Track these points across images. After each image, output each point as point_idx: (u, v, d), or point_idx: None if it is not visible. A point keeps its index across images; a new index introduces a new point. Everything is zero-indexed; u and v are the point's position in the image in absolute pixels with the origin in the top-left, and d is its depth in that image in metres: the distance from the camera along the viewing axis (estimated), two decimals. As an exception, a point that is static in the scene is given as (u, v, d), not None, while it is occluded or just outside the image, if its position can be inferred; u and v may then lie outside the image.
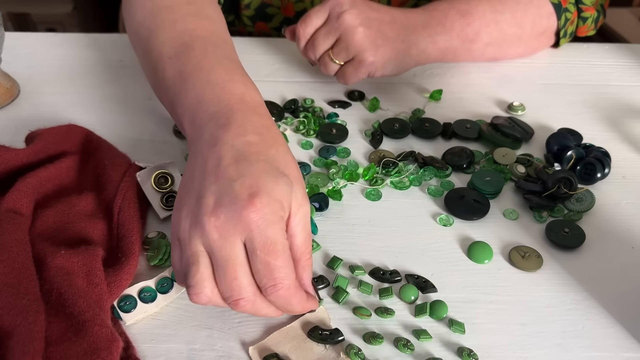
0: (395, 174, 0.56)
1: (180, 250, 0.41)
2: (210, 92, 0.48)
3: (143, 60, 0.59)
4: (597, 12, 0.74)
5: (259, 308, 0.40)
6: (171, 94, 0.51)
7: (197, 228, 0.40)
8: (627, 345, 0.43)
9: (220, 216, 0.39)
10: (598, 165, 0.56)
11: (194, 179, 0.42)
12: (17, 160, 0.51)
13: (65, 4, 1.58)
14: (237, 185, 0.40)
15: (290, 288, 0.40)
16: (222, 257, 0.39)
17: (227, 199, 0.39)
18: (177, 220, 0.42)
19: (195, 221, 0.40)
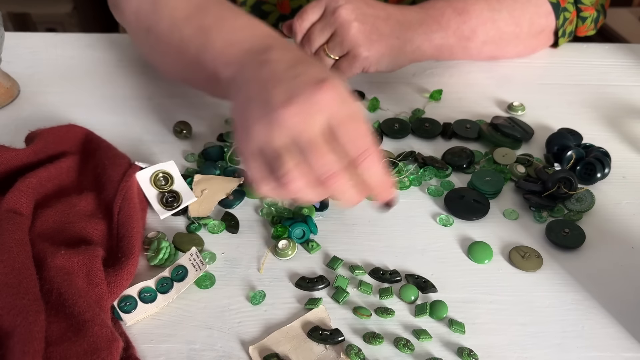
0: (395, 174, 0.56)
1: (260, 160, 0.43)
2: (240, 35, 0.50)
3: (148, 34, 0.58)
4: (597, 11, 0.74)
5: (346, 187, 0.42)
6: (193, 48, 0.52)
7: (274, 124, 0.41)
8: (627, 345, 0.43)
9: (295, 104, 0.41)
10: (598, 165, 0.56)
11: (250, 98, 0.44)
12: (17, 160, 0.51)
13: (65, 4, 1.58)
14: (304, 76, 0.42)
15: (377, 154, 0.42)
16: (307, 139, 0.41)
17: (297, 89, 0.41)
18: (247, 134, 0.43)
19: (270, 120, 0.41)
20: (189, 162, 0.58)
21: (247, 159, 0.44)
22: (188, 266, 0.46)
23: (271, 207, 0.53)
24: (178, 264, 0.46)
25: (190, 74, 0.56)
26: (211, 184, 0.54)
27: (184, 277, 0.46)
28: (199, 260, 0.46)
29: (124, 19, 0.63)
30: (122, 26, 0.67)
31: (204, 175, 0.55)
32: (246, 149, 0.44)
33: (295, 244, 0.49)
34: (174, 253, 0.48)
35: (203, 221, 0.51)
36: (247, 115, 0.44)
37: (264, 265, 0.48)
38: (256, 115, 0.43)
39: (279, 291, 0.46)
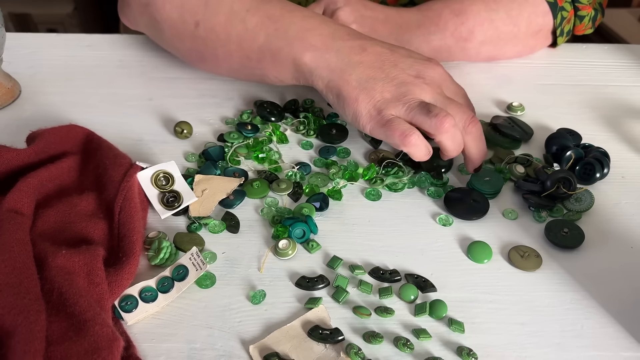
0: (394, 174, 0.56)
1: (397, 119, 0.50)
2: (313, 21, 0.55)
3: (197, 29, 0.60)
4: (595, 10, 0.74)
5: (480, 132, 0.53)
6: (263, 36, 0.56)
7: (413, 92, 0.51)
8: (627, 344, 0.43)
9: (426, 77, 0.52)
10: (597, 165, 0.56)
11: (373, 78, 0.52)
12: (18, 160, 0.51)
13: (66, 5, 1.58)
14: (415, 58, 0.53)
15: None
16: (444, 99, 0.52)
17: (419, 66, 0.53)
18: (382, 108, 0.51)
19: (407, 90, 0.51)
20: (190, 162, 0.59)
21: (388, 121, 0.50)
22: (189, 266, 0.46)
23: (271, 207, 0.53)
24: (179, 263, 0.47)
25: (253, 62, 0.58)
26: (212, 184, 0.54)
27: (184, 277, 0.46)
28: (200, 259, 0.47)
29: (159, 15, 0.63)
30: (123, 27, 0.67)
31: (205, 175, 0.55)
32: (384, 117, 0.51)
33: (295, 244, 0.49)
34: (174, 253, 0.48)
35: (203, 221, 0.51)
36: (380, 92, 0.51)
37: (264, 265, 0.48)
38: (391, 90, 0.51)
39: (279, 291, 0.46)
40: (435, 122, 0.49)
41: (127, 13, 0.68)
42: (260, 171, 0.57)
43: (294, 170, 0.57)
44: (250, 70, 0.60)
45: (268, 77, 0.59)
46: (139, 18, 0.67)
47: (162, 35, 0.65)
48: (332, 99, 0.54)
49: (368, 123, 0.52)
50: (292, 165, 0.57)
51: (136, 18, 0.67)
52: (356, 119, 0.53)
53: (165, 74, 0.71)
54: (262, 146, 0.59)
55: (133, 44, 0.76)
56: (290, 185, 0.55)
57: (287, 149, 0.61)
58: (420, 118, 0.50)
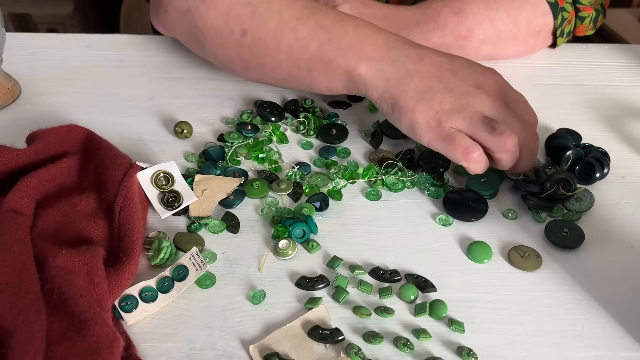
0: (394, 174, 0.56)
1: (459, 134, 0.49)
2: (366, 31, 0.55)
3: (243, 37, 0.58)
4: (596, 11, 0.74)
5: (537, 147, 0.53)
6: (315, 45, 0.55)
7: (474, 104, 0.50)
8: (627, 344, 0.43)
9: (485, 87, 0.51)
10: (597, 165, 0.56)
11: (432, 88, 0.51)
12: (19, 160, 0.51)
13: (66, 5, 1.58)
14: (474, 67, 0.53)
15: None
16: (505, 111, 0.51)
17: (478, 76, 0.52)
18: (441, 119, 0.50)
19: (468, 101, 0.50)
20: (190, 162, 0.59)
21: (449, 136, 0.50)
22: (189, 266, 0.46)
23: (271, 207, 0.53)
24: (179, 263, 0.47)
25: (301, 74, 0.57)
26: (212, 184, 0.54)
27: (184, 277, 0.46)
28: (200, 259, 0.47)
29: (202, 23, 0.61)
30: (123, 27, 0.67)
31: (205, 175, 0.55)
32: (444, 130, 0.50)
33: (295, 244, 0.49)
34: (174, 253, 0.48)
35: (204, 221, 0.51)
36: (438, 103, 0.50)
37: (264, 265, 0.48)
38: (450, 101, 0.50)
39: (279, 291, 0.46)
40: (500, 141, 0.48)
41: (163, 19, 0.65)
42: (260, 171, 0.57)
43: (294, 170, 0.57)
44: (299, 80, 0.59)
45: (317, 86, 0.58)
46: (176, 24, 0.64)
47: (203, 42, 0.62)
48: (386, 109, 0.53)
49: (426, 134, 0.51)
50: (292, 165, 0.58)
51: (173, 24, 0.65)
52: (413, 129, 0.51)
53: (165, 74, 0.71)
54: (262, 146, 0.60)
55: (133, 44, 0.76)
56: (290, 185, 0.55)
57: (287, 149, 0.61)
58: (483, 135, 0.49)
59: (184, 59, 0.74)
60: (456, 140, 0.49)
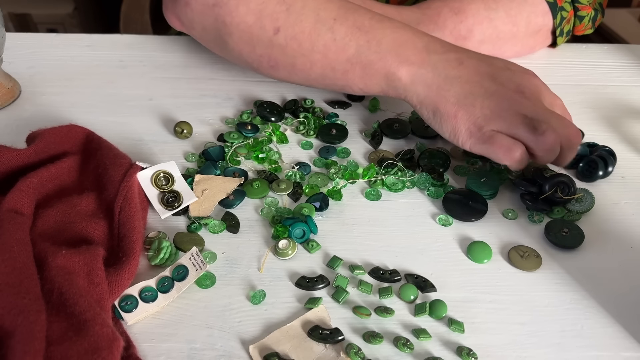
0: (394, 174, 0.56)
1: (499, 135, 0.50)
2: (405, 34, 0.54)
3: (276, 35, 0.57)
4: (595, 10, 0.74)
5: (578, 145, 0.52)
6: (353, 47, 0.55)
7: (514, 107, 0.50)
8: (627, 344, 0.43)
9: (525, 91, 0.51)
10: (600, 163, 0.56)
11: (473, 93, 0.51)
12: (18, 160, 0.51)
13: (66, 5, 1.58)
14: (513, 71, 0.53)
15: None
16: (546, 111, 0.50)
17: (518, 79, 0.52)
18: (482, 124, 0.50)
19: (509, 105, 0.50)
20: (190, 162, 0.59)
21: (490, 138, 0.50)
22: (189, 266, 0.46)
23: (271, 207, 0.53)
24: (179, 263, 0.47)
25: (335, 75, 0.57)
26: (212, 184, 0.54)
27: (184, 277, 0.46)
28: (200, 259, 0.47)
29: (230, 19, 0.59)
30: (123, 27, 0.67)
31: (205, 175, 0.55)
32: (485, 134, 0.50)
33: (295, 244, 0.49)
34: (174, 253, 0.48)
35: (203, 221, 0.51)
36: (479, 108, 0.50)
37: (264, 265, 0.48)
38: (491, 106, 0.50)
39: (279, 291, 0.46)
40: (542, 140, 0.48)
41: (182, 13, 0.63)
42: (260, 171, 0.57)
43: (294, 170, 0.57)
44: (332, 81, 0.58)
45: (352, 87, 0.57)
46: (198, 19, 0.62)
47: (227, 39, 0.60)
48: (427, 114, 0.53)
49: (468, 140, 0.51)
50: (292, 165, 0.58)
51: (194, 19, 0.62)
52: (455, 135, 0.52)
53: (165, 74, 0.71)
54: (262, 146, 0.60)
55: (133, 44, 0.76)
56: (290, 185, 0.55)
57: (287, 149, 0.61)
58: (525, 135, 0.49)
59: (184, 59, 0.74)
60: (497, 141, 0.49)
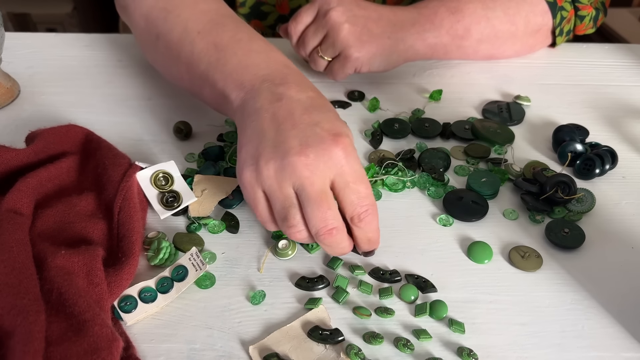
0: (394, 174, 0.56)
1: (265, 201, 0.45)
2: (256, 58, 0.51)
3: (157, 41, 0.58)
4: (597, 10, 0.74)
5: (341, 239, 0.45)
6: (204, 64, 0.53)
7: (285, 171, 0.43)
8: (627, 345, 0.43)
9: (310, 155, 0.43)
10: (597, 161, 0.56)
11: (263, 132, 0.45)
12: (18, 160, 0.51)
13: (65, 5, 1.58)
14: (319, 128, 0.44)
15: (376, 212, 0.45)
16: (315, 191, 0.43)
17: (312, 139, 0.43)
18: (253, 174, 0.44)
19: (281, 165, 0.43)
20: (189, 162, 0.59)
21: (254, 200, 0.45)
22: (188, 266, 0.46)
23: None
24: (178, 263, 0.47)
25: (197, 87, 0.56)
26: (211, 184, 0.54)
27: (184, 277, 0.46)
28: (199, 260, 0.47)
29: (131, 21, 0.63)
30: (122, 27, 0.68)
31: (204, 175, 0.55)
32: (253, 187, 0.45)
33: (295, 244, 0.49)
34: (174, 253, 0.48)
35: (203, 221, 0.51)
36: (260, 151, 0.44)
37: (264, 265, 0.48)
38: (269, 154, 0.44)
39: (279, 291, 0.46)
40: (287, 232, 0.45)
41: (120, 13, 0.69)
42: (260, 171, 0.57)
43: (294, 170, 0.57)
44: (199, 94, 0.57)
45: (213, 106, 0.56)
46: (124, 19, 0.68)
47: (136, 40, 0.66)
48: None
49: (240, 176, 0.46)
50: (292, 165, 0.57)
51: (124, 19, 0.68)
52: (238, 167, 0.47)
53: (164, 73, 0.71)
54: (261, 146, 0.59)
55: (133, 44, 0.76)
56: (290, 185, 0.55)
57: (287, 148, 0.60)
58: (277, 217, 0.45)
59: (183, 58, 0.74)
60: (259, 209, 0.46)
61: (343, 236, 0.45)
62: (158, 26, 0.58)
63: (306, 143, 0.43)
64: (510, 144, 0.61)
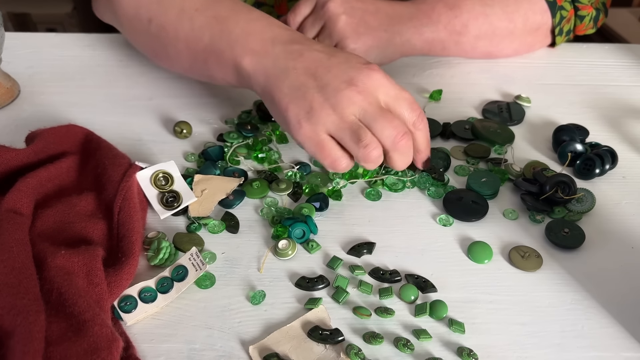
0: (394, 174, 0.56)
1: (331, 140, 0.49)
2: (258, 25, 0.54)
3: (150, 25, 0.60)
4: (597, 10, 0.74)
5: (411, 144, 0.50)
6: (207, 37, 0.56)
7: (343, 103, 0.48)
8: (627, 345, 0.43)
9: (358, 84, 0.48)
10: (597, 161, 0.56)
11: (304, 85, 0.49)
12: (17, 160, 0.51)
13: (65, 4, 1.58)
14: (351, 63, 0.50)
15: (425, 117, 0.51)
16: (377, 109, 0.48)
17: (353, 72, 0.49)
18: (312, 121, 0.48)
19: (337, 101, 0.48)
20: (189, 162, 0.59)
21: (320, 143, 0.49)
22: (188, 266, 0.46)
23: (271, 207, 0.53)
24: (178, 263, 0.47)
25: (200, 62, 0.58)
26: (211, 184, 0.54)
27: (184, 277, 0.46)
28: (199, 260, 0.47)
29: (117, 10, 0.63)
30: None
31: (204, 175, 0.55)
32: (316, 133, 0.48)
33: (295, 244, 0.49)
34: (174, 253, 0.48)
35: (203, 221, 0.51)
36: (309, 101, 0.48)
37: (264, 265, 0.48)
38: (320, 99, 0.48)
39: (279, 291, 0.46)
40: (363, 153, 0.48)
41: (96, 6, 0.70)
42: (260, 171, 0.57)
43: (294, 170, 0.57)
44: (199, 71, 0.60)
45: (215, 78, 0.58)
46: (103, 11, 0.68)
47: (122, 30, 0.67)
48: (267, 103, 0.53)
49: (298, 134, 0.49)
50: (291, 165, 0.57)
51: (102, 10, 0.69)
52: (287, 126, 0.50)
53: (165, 73, 0.71)
54: (261, 146, 0.59)
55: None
56: (290, 185, 0.55)
57: (287, 149, 0.61)
58: (350, 144, 0.48)
59: (183, 58, 0.73)
60: (326, 150, 0.49)
61: (411, 142, 0.50)
62: (150, 10, 0.59)
63: (349, 77, 0.48)
64: (510, 144, 0.61)
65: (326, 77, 0.49)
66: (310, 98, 0.49)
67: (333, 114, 0.48)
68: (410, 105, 0.50)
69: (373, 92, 0.49)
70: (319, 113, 0.48)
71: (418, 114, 0.50)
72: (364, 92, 0.48)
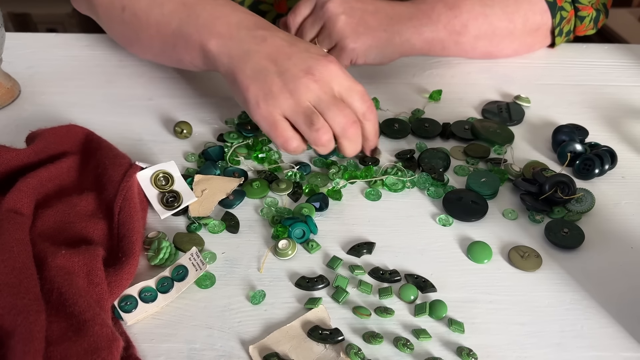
0: (394, 174, 0.56)
1: (285, 121, 0.52)
2: (224, 10, 0.57)
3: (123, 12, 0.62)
4: (597, 10, 0.74)
5: (359, 132, 0.53)
6: (176, 21, 0.58)
7: (300, 90, 0.51)
8: (626, 344, 0.43)
9: (315, 73, 0.51)
10: (597, 161, 0.56)
11: (265, 68, 0.52)
12: (18, 160, 0.51)
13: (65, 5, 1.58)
14: (310, 53, 0.53)
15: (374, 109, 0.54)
16: (330, 98, 0.52)
17: (311, 62, 0.52)
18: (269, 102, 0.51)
19: (295, 87, 0.51)
20: (189, 162, 0.59)
21: (274, 123, 0.52)
22: (188, 266, 0.46)
23: (271, 207, 0.53)
24: (178, 263, 0.47)
25: (169, 46, 0.60)
26: (211, 184, 0.54)
27: (184, 277, 0.46)
28: (199, 260, 0.47)
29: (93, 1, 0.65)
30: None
31: (204, 175, 0.55)
32: (271, 114, 0.51)
33: (295, 244, 0.49)
34: (174, 253, 0.48)
35: (203, 221, 0.51)
36: (269, 84, 0.52)
37: (264, 265, 0.48)
38: (279, 83, 0.51)
39: (279, 291, 0.46)
40: (315, 136, 0.51)
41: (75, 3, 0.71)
42: (260, 171, 0.57)
43: (294, 170, 0.57)
44: (169, 55, 0.62)
45: (184, 62, 0.61)
46: (80, 2, 0.70)
47: (98, 19, 0.68)
48: (229, 84, 0.56)
49: (255, 114, 0.53)
50: (291, 165, 0.57)
51: (78, 1, 0.70)
52: (246, 106, 0.54)
53: (165, 74, 0.71)
54: (261, 146, 0.59)
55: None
56: (290, 185, 0.55)
57: (287, 149, 0.61)
58: (303, 127, 0.52)
59: (183, 58, 0.73)
60: (279, 129, 0.52)
61: (359, 130, 0.53)
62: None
63: (308, 66, 0.52)
64: (509, 144, 0.61)
65: (286, 64, 0.52)
66: (270, 82, 0.52)
67: (290, 99, 0.51)
68: (362, 97, 0.53)
69: (328, 82, 0.52)
70: (277, 96, 0.51)
71: (368, 105, 0.53)
72: (320, 81, 0.51)
